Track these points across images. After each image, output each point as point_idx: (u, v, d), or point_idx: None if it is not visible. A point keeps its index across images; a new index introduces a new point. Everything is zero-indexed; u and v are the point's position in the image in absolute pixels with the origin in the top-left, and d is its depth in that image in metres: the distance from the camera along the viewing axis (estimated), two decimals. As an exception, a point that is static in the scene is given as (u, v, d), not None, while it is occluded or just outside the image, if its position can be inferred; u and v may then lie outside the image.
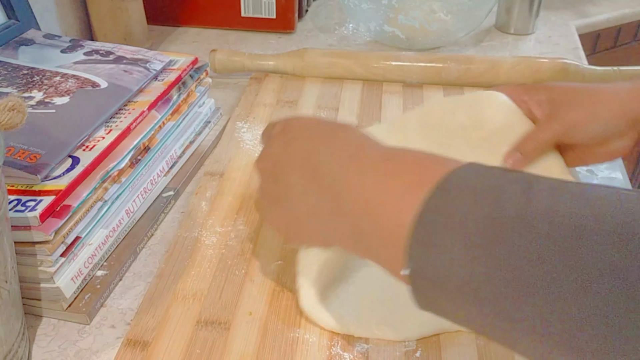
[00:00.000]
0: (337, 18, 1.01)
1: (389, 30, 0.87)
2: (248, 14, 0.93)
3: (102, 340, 0.45)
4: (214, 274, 0.48)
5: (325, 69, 0.77)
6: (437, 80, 0.75)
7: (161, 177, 0.58)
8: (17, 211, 0.43)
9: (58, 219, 0.44)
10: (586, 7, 1.09)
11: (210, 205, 0.56)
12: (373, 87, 0.75)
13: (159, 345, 0.43)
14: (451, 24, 0.85)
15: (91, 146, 0.50)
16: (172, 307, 0.46)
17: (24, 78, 0.57)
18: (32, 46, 0.63)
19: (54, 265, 0.44)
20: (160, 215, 0.56)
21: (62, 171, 0.47)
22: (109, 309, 0.47)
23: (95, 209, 0.48)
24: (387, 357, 0.42)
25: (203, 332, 0.43)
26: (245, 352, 0.42)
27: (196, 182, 0.61)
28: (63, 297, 0.45)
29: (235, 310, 0.45)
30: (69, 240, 0.46)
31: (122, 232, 0.52)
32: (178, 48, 0.90)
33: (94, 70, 0.59)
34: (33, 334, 0.45)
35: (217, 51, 0.78)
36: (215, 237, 0.52)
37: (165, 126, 0.59)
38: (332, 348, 0.43)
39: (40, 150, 0.47)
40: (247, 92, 0.74)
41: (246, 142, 0.64)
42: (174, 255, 0.50)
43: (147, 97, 0.57)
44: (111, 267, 0.49)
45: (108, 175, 0.49)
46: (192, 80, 0.63)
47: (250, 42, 0.92)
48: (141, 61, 0.61)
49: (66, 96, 0.54)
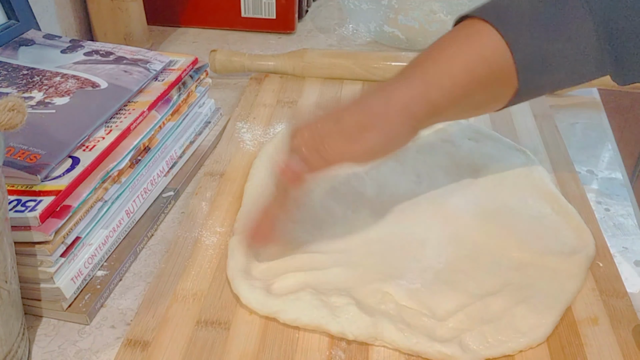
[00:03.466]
0: (337, 18, 1.01)
1: (389, 30, 0.87)
2: (248, 15, 0.93)
3: (102, 340, 0.45)
4: (214, 274, 0.48)
5: (325, 70, 0.77)
6: (437, 80, 0.75)
7: (161, 177, 0.58)
8: (17, 211, 0.43)
9: (58, 219, 0.44)
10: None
11: (210, 205, 0.56)
12: (373, 88, 0.75)
13: (159, 345, 0.43)
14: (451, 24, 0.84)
15: (91, 146, 0.50)
16: (172, 307, 0.46)
17: (24, 78, 0.57)
18: (32, 46, 0.63)
19: (54, 266, 0.44)
20: (161, 216, 0.56)
21: (62, 171, 0.47)
22: (109, 309, 0.47)
23: (95, 209, 0.48)
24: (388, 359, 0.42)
25: (203, 332, 0.43)
26: (245, 352, 0.42)
27: (196, 183, 0.61)
28: (63, 297, 0.45)
29: (235, 310, 0.45)
30: (69, 241, 0.46)
31: (122, 232, 0.52)
32: (178, 48, 0.90)
33: (94, 70, 0.59)
34: (33, 334, 0.45)
35: (217, 51, 0.78)
36: (215, 237, 0.52)
37: (166, 126, 0.59)
38: (332, 349, 0.43)
39: (40, 151, 0.47)
40: (247, 93, 0.74)
41: (246, 142, 0.64)
42: (174, 256, 0.50)
43: (147, 97, 0.57)
44: (111, 267, 0.49)
45: (108, 175, 0.49)
46: (192, 80, 0.63)
47: (250, 43, 0.92)
48: (141, 61, 0.61)
49: (66, 96, 0.54)
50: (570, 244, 0.50)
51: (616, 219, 0.56)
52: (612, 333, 0.43)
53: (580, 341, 0.43)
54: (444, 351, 0.41)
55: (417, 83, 0.44)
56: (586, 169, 0.63)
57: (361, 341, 0.43)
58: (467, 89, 0.44)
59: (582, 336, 0.43)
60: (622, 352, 0.42)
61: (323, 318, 0.43)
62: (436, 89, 0.43)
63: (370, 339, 0.42)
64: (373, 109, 0.43)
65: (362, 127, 0.42)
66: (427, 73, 0.44)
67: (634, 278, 0.50)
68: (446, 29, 0.50)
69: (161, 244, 0.54)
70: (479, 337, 0.42)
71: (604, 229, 0.54)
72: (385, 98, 0.43)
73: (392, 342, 0.42)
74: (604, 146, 0.68)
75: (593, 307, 0.45)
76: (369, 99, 0.44)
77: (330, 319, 0.43)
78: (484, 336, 0.42)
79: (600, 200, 0.59)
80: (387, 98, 0.43)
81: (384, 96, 0.43)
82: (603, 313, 0.45)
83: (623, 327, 0.44)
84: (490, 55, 0.44)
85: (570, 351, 0.42)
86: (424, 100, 0.43)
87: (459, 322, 0.43)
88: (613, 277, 0.48)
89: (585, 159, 0.65)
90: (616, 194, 0.60)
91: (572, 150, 0.64)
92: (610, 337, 0.43)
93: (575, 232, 0.51)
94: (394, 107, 0.43)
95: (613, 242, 0.53)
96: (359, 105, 0.44)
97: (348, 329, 0.42)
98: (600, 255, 0.50)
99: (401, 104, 0.43)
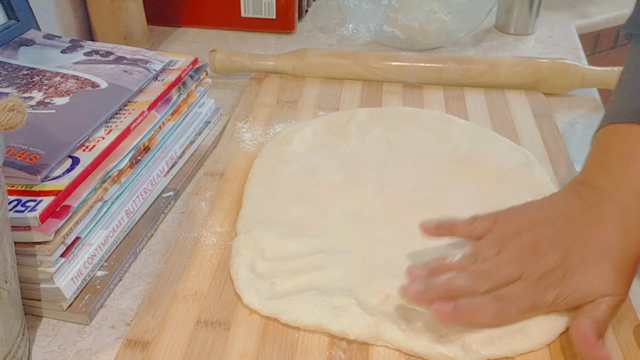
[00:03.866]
0: (337, 18, 1.01)
1: (389, 30, 0.87)
2: (248, 14, 0.93)
3: (102, 340, 0.45)
4: (214, 274, 0.48)
5: (325, 69, 0.77)
6: (437, 80, 0.75)
7: (161, 177, 0.58)
8: (17, 211, 0.43)
9: (58, 219, 0.44)
10: (586, 8, 1.09)
11: (210, 205, 0.56)
12: (373, 87, 0.75)
13: (159, 345, 0.43)
14: (451, 24, 0.85)
15: (91, 146, 0.50)
16: (172, 307, 0.46)
17: (24, 78, 0.57)
18: (32, 46, 0.63)
19: (54, 266, 0.44)
20: (160, 216, 0.56)
21: (62, 171, 0.47)
22: (109, 309, 0.47)
23: (95, 210, 0.48)
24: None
25: (203, 332, 0.43)
26: (245, 352, 0.42)
27: (196, 183, 0.61)
28: (63, 297, 0.45)
29: (235, 310, 0.45)
30: (68, 241, 0.46)
31: (122, 232, 0.52)
32: (178, 48, 0.90)
33: (94, 70, 0.59)
34: (33, 334, 0.45)
35: (217, 51, 0.78)
36: (215, 237, 0.52)
37: (165, 126, 0.59)
38: (332, 349, 0.43)
39: (40, 151, 0.47)
40: (247, 93, 0.74)
41: (246, 142, 0.64)
42: (173, 256, 0.50)
43: (147, 97, 0.57)
44: (111, 267, 0.49)
45: (108, 175, 0.49)
46: (192, 80, 0.63)
47: (250, 43, 0.92)
48: (141, 61, 0.61)
49: (66, 96, 0.54)
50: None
51: (616, 219, 0.56)
52: (612, 333, 0.43)
53: (581, 341, 0.43)
54: (445, 353, 0.41)
55: (617, 200, 0.43)
56: (586, 169, 0.63)
57: (363, 341, 0.43)
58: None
59: (582, 336, 0.43)
60: (622, 352, 0.42)
61: (324, 318, 0.43)
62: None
63: (372, 338, 0.42)
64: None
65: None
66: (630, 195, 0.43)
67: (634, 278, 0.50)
68: (446, 29, 0.50)
69: (161, 244, 0.54)
70: (484, 339, 0.42)
71: (604, 229, 0.54)
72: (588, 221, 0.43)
73: (394, 343, 0.42)
74: (604, 146, 0.68)
75: (593, 307, 0.45)
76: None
77: (332, 319, 0.43)
78: (490, 338, 0.42)
79: (600, 200, 0.59)
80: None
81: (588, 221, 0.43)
82: (603, 313, 0.45)
83: (623, 327, 0.44)
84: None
85: (570, 352, 0.42)
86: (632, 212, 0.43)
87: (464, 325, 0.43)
88: (613, 277, 0.48)
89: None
90: (616, 194, 0.60)
91: (572, 150, 0.64)
92: (610, 337, 0.43)
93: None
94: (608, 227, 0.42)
95: (613, 242, 0.53)
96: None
97: (350, 329, 0.42)
98: (600, 255, 0.50)
99: (610, 223, 0.42)
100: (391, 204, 0.54)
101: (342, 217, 0.53)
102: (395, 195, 0.56)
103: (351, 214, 0.53)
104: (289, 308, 0.44)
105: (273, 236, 0.50)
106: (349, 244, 0.50)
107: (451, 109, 0.70)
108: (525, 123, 0.68)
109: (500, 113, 0.70)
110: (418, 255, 0.49)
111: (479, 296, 0.41)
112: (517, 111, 0.70)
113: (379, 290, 0.45)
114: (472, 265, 0.43)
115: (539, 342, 0.42)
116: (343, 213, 0.54)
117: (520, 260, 0.42)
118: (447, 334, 0.42)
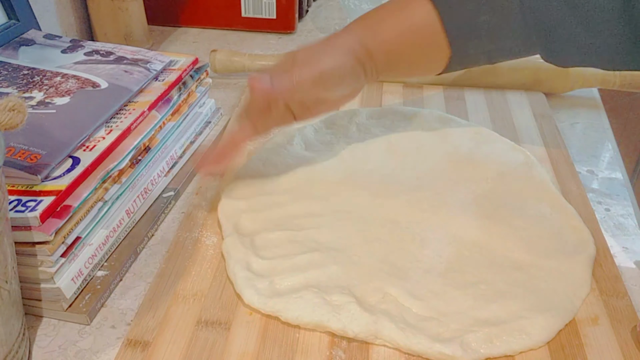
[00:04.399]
0: (337, 18, 1.01)
1: (389, 30, 0.86)
2: (248, 14, 0.93)
3: (102, 340, 0.45)
4: (214, 274, 0.48)
5: (325, 69, 0.76)
6: (437, 80, 0.75)
7: (161, 177, 0.58)
8: (17, 211, 0.43)
9: (58, 219, 0.44)
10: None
11: (210, 205, 0.56)
12: (373, 87, 0.75)
13: (159, 345, 0.43)
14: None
15: (91, 146, 0.50)
16: (172, 307, 0.46)
17: (25, 78, 0.57)
18: (32, 46, 0.63)
19: (54, 266, 0.44)
20: (161, 216, 0.56)
21: (62, 171, 0.47)
22: (109, 309, 0.47)
23: (95, 209, 0.48)
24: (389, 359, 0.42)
25: (203, 332, 0.44)
26: (246, 352, 0.42)
27: (196, 183, 0.61)
28: (63, 297, 0.45)
29: (235, 310, 0.45)
30: (69, 241, 0.46)
31: (122, 232, 0.52)
32: (178, 48, 0.90)
33: (95, 70, 0.59)
34: (33, 334, 0.45)
35: (217, 51, 0.78)
36: (216, 237, 0.52)
37: (166, 126, 0.59)
38: (332, 349, 0.43)
39: (40, 151, 0.47)
40: (247, 93, 0.74)
41: (246, 142, 0.64)
42: (174, 256, 0.50)
43: (147, 97, 0.57)
44: (111, 267, 0.50)
45: (108, 175, 0.49)
46: (193, 80, 0.63)
47: (251, 42, 0.92)
48: (141, 61, 0.61)
49: (66, 96, 0.54)
50: (570, 244, 0.50)
51: (616, 219, 0.56)
52: (612, 333, 0.43)
53: (581, 341, 0.43)
54: (444, 351, 0.41)
55: (355, 34, 0.52)
56: (586, 169, 0.63)
57: (361, 339, 0.43)
58: (400, 46, 0.52)
59: (582, 336, 0.43)
60: (622, 352, 0.42)
61: (324, 316, 0.43)
62: (371, 40, 0.51)
63: (371, 337, 0.42)
64: (321, 45, 0.51)
65: (316, 53, 0.50)
66: (365, 36, 0.52)
67: (634, 278, 0.50)
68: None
69: (161, 244, 0.54)
70: (483, 338, 0.42)
71: (604, 229, 0.54)
72: (329, 40, 0.52)
73: (392, 341, 0.42)
74: (604, 146, 0.68)
75: (593, 307, 0.45)
76: (316, 42, 0.52)
77: (331, 317, 0.43)
78: (489, 337, 0.42)
79: (601, 200, 0.59)
80: (331, 40, 0.52)
81: (329, 39, 0.52)
82: (603, 313, 0.45)
83: (623, 327, 0.44)
84: (421, 20, 0.52)
85: (570, 351, 0.42)
86: (361, 44, 0.51)
87: (463, 323, 0.43)
88: (613, 277, 0.48)
89: (586, 159, 0.65)
90: (616, 194, 0.60)
91: (572, 150, 0.64)
92: (610, 337, 0.43)
93: (575, 232, 0.51)
94: (338, 43, 0.51)
95: (613, 242, 0.53)
96: (309, 45, 0.52)
97: (349, 327, 0.43)
98: (601, 255, 0.50)
99: (342, 42, 0.51)
100: (391, 204, 0.54)
101: (341, 215, 0.53)
102: (395, 194, 0.56)
103: (350, 212, 0.54)
104: (289, 306, 0.44)
105: (268, 234, 0.51)
106: (348, 243, 0.50)
107: (451, 109, 0.70)
108: (525, 123, 0.68)
109: (500, 113, 0.70)
110: (416, 255, 0.49)
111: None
112: (517, 111, 0.70)
113: (377, 289, 0.45)
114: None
115: (539, 340, 0.42)
116: (342, 212, 0.54)
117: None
118: (445, 332, 0.42)
